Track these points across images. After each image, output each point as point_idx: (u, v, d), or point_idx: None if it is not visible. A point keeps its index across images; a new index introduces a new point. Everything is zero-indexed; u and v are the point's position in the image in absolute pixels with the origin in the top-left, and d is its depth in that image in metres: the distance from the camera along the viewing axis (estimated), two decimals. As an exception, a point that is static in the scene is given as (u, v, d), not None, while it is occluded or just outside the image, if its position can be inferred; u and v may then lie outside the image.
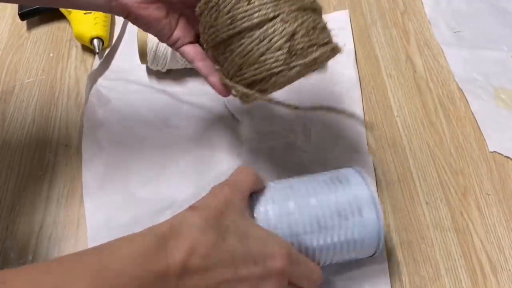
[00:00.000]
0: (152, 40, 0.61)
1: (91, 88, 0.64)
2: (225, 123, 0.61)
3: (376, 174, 0.57)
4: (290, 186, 0.46)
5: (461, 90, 0.65)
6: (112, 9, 0.44)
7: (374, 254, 0.46)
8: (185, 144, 0.59)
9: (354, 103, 0.63)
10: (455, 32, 0.73)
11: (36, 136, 0.60)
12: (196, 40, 0.48)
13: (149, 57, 0.62)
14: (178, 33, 0.47)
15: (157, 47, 0.61)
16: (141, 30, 0.48)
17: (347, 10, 0.75)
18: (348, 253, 0.45)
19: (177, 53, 0.51)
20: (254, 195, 0.45)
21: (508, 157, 0.59)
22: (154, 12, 0.44)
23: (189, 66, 0.64)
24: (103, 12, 0.51)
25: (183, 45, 0.47)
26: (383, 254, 0.51)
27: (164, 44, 0.54)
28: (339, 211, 0.44)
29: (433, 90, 0.66)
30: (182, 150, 0.59)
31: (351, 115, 0.47)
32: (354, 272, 0.49)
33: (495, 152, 0.60)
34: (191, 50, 0.47)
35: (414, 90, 0.66)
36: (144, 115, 0.62)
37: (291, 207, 0.44)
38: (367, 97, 0.65)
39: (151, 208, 0.54)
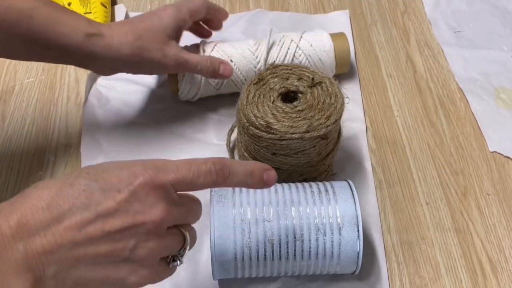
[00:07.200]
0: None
1: (91, 88, 0.64)
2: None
3: (376, 174, 0.57)
4: (276, 191, 0.46)
5: (461, 90, 0.65)
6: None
7: (354, 272, 0.46)
8: (185, 145, 0.59)
9: (354, 103, 0.63)
10: (455, 32, 0.73)
11: (36, 136, 0.60)
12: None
13: (181, 84, 0.59)
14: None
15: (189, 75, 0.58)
16: None
17: (347, 10, 0.75)
18: (324, 268, 0.45)
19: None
20: (237, 192, 0.45)
21: (508, 157, 0.59)
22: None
23: (220, 92, 0.61)
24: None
25: None
26: (383, 255, 0.51)
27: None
28: (318, 226, 0.44)
29: (433, 90, 0.66)
30: (182, 150, 0.59)
31: None
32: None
33: (495, 152, 0.60)
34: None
35: (414, 90, 0.66)
36: (144, 115, 0.62)
37: (270, 213, 0.44)
38: (367, 97, 0.65)
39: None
